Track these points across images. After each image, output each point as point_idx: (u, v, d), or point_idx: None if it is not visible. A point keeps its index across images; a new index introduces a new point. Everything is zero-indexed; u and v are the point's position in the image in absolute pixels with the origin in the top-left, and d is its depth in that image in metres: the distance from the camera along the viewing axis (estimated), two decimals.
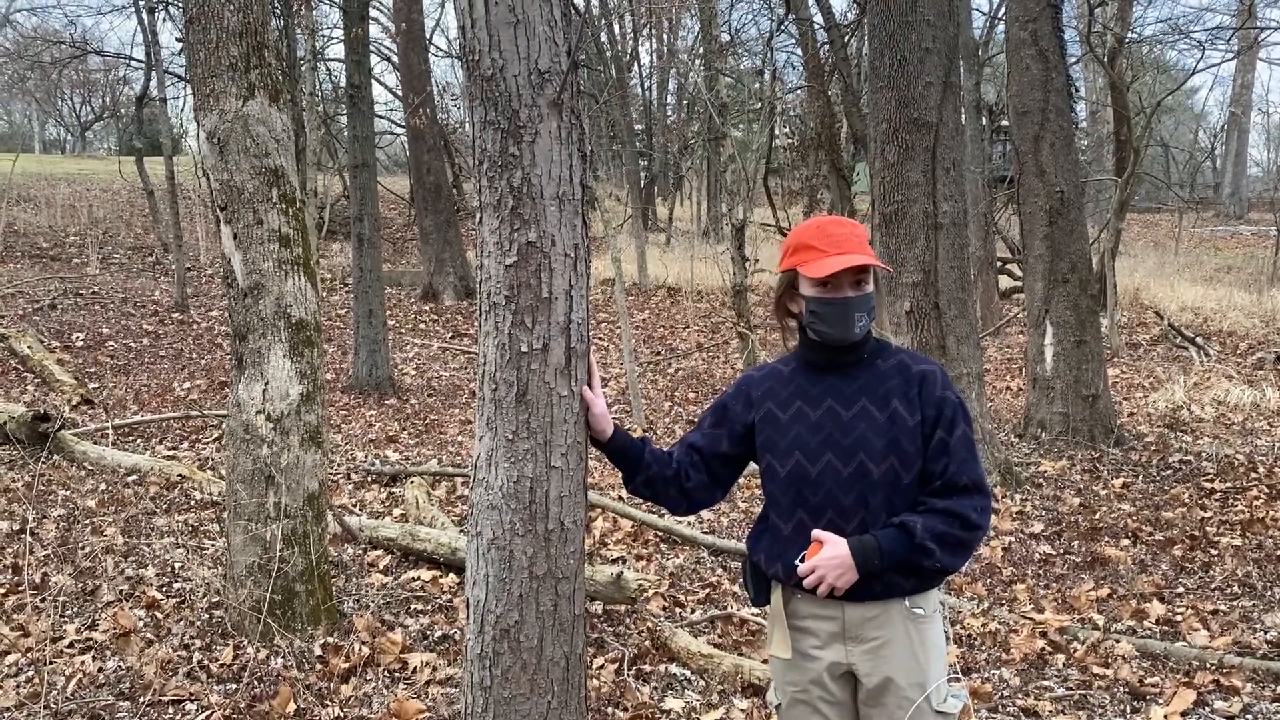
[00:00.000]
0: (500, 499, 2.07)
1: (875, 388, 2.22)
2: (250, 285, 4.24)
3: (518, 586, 2.08)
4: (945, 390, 2.20)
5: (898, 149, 6.66)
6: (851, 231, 2.21)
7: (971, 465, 2.15)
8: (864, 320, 2.19)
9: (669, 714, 3.73)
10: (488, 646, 2.11)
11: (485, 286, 2.05)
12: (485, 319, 2.05)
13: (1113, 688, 4.03)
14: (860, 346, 2.24)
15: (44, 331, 12.29)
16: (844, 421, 2.20)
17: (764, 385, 2.34)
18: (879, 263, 2.18)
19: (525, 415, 2.05)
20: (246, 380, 4.26)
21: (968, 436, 2.18)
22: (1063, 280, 8.41)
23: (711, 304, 16.33)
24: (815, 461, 2.20)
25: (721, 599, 4.92)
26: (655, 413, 9.68)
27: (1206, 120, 38.80)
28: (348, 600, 4.66)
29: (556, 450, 2.09)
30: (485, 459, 2.09)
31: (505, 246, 2.00)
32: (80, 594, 4.66)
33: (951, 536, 2.10)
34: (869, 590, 2.16)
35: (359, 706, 3.64)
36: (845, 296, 2.19)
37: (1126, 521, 6.17)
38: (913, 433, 2.17)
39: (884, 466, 2.15)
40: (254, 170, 4.24)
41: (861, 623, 2.19)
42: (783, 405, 2.30)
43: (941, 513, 2.11)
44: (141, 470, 6.95)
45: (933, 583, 2.21)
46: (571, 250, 2.05)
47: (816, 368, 2.27)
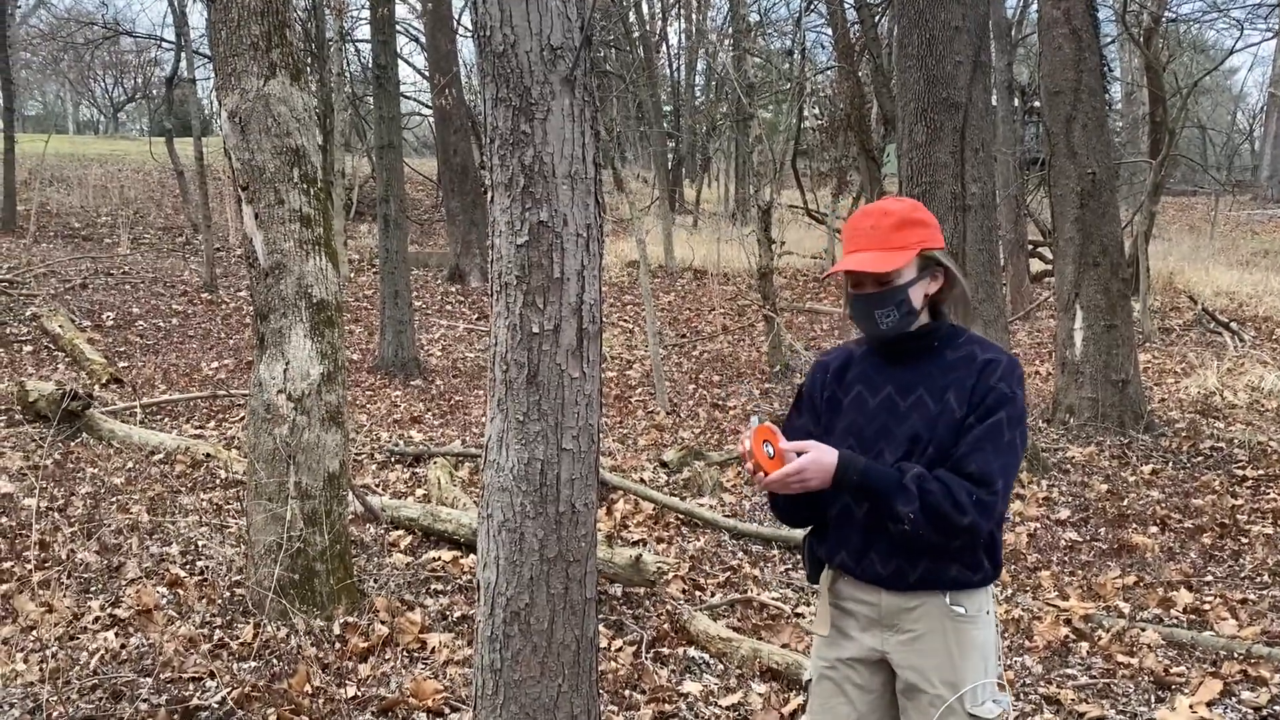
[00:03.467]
0: (511, 481, 2.05)
1: (936, 378, 2.13)
2: (271, 265, 4.24)
3: (528, 569, 2.07)
4: (1001, 381, 2.08)
5: (926, 129, 6.56)
6: (876, 224, 2.12)
7: (985, 456, 2.03)
8: (891, 316, 2.11)
9: (687, 697, 3.71)
10: (498, 629, 2.10)
11: (496, 266, 2.02)
12: (497, 299, 2.03)
13: (1137, 677, 3.97)
14: (922, 337, 2.16)
15: (75, 311, 12.42)
16: (899, 410, 2.15)
17: (833, 366, 2.30)
18: (876, 266, 2.07)
19: (536, 397, 2.03)
20: (268, 360, 4.27)
21: (998, 428, 2.05)
22: (1093, 264, 8.29)
23: (738, 286, 16.26)
24: (868, 449, 2.15)
25: (742, 583, 4.90)
26: (680, 395, 9.65)
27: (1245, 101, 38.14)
28: (368, 580, 4.68)
29: (568, 432, 2.07)
30: (496, 440, 2.07)
31: (516, 226, 1.97)
32: (105, 571, 4.71)
33: (934, 501, 1.99)
34: (903, 579, 2.12)
35: (377, 686, 3.65)
36: (864, 294, 2.14)
37: (1155, 509, 6.09)
38: (956, 426, 2.08)
39: (924, 459, 2.09)
40: (275, 150, 4.24)
41: (898, 612, 2.15)
42: (846, 388, 2.25)
43: (938, 478, 2.02)
44: (168, 449, 7.01)
45: (974, 573, 2.12)
46: (584, 230, 2.02)
47: (883, 354, 2.21)
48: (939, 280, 2.15)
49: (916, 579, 2.12)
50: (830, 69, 23.66)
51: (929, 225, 2.14)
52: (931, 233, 2.14)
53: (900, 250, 2.09)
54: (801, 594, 4.79)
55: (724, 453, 7.16)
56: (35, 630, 3.99)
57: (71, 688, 3.50)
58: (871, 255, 2.10)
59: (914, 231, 2.11)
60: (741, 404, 9.26)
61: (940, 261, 2.15)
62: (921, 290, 2.13)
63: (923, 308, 2.16)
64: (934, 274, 2.14)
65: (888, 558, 2.14)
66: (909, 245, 2.10)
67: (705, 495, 6.28)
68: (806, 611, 4.56)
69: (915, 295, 2.12)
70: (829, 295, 15.89)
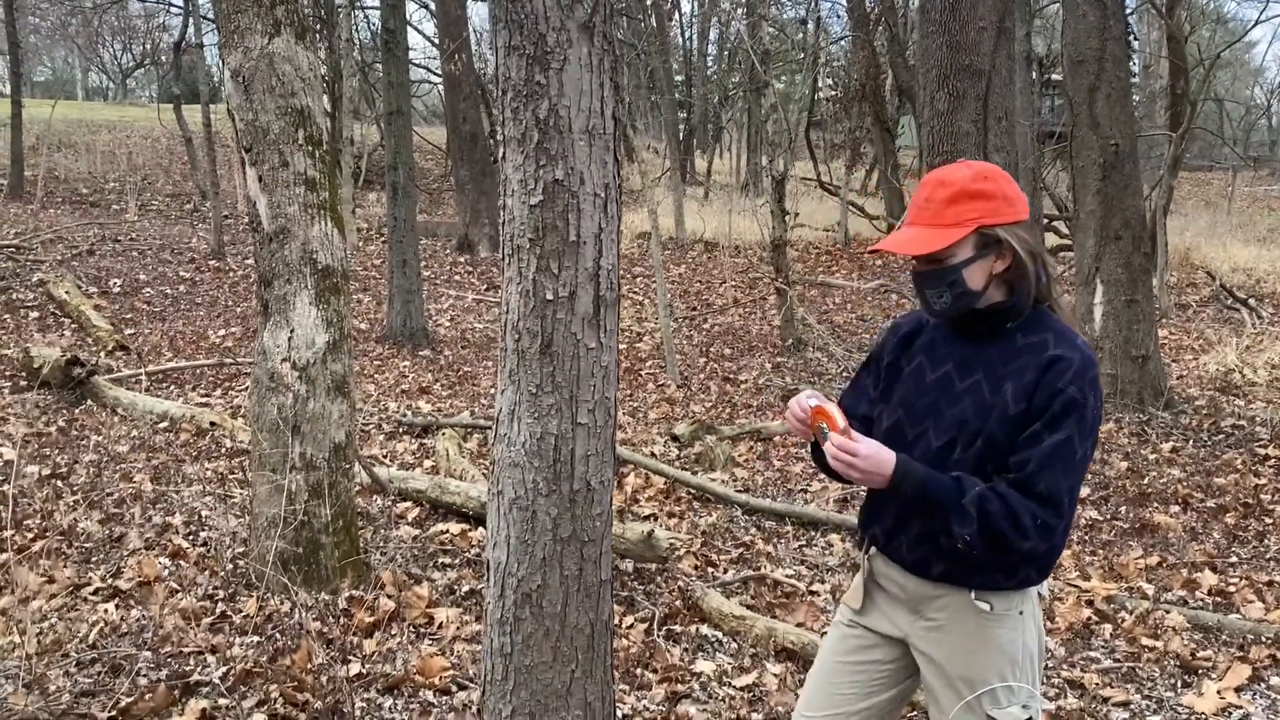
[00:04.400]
0: (523, 456, 1.94)
1: (999, 364, 1.98)
2: (276, 230, 4.12)
3: (540, 549, 1.95)
4: (1071, 384, 1.88)
5: (948, 97, 6.40)
6: (930, 196, 1.96)
7: (1056, 476, 1.86)
8: (944, 297, 1.95)
9: (699, 677, 3.62)
10: (508, 611, 1.99)
11: (508, 228, 1.90)
12: (508, 263, 1.91)
13: (1162, 660, 3.87)
14: (990, 316, 2.00)
15: (82, 277, 12.34)
16: (954, 391, 2.00)
17: (904, 330, 2.17)
18: (915, 248, 1.91)
19: (550, 368, 1.91)
20: (272, 327, 4.16)
21: (1070, 446, 1.88)
22: (1115, 237, 8.11)
23: (749, 259, 16.09)
24: (915, 425, 2.02)
25: (755, 559, 4.80)
26: (690, 368, 9.53)
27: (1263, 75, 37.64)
28: (375, 553, 4.59)
29: (583, 406, 1.95)
30: (507, 413, 1.95)
31: (530, 185, 1.84)
32: (107, 541, 4.62)
33: (994, 524, 1.84)
34: (927, 569, 2.02)
35: (382, 662, 3.56)
36: (918, 271, 2.00)
37: (1176, 487, 5.96)
38: (1011, 422, 1.91)
39: (971, 451, 1.94)
40: (279, 110, 4.10)
41: (923, 598, 2.05)
42: (910, 356, 2.12)
43: (1001, 497, 1.86)
44: (173, 417, 6.92)
45: (1006, 579, 1.98)
46: (602, 190, 1.88)
47: (952, 326, 2.06)
48: (1006, 259, 1.96)
49: (941, 572, 2.01)
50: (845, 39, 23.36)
51: (994, 197, 1.93)
52: (995, 206, 1.93)
53: (950, 228, 1.92)
54: (816, 572, 4.69)
55: (735, 427, 7.05)
56: (34, 601, 3.91)
57: (69, 660, 3.42)
58: (916, 233, 1.95)
59: (971, 206, 1.92)
60: (753, 378, 9.14)
61: (1003, 239, 1.95)
62: (983, 270, 1.95)
63: (986, 287, 1.97)
64: (1000, 252, 1.96)
65: (915, 544, 2.03)
66: (962, 222, 1.92)
67: (717, 470, 6.18)
68: (821, 589, 4.46)
69: (972, 275, 1.95)
70: (841, 269, 15.73)
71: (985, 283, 1.97)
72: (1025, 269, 1.96)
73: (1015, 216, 1.96)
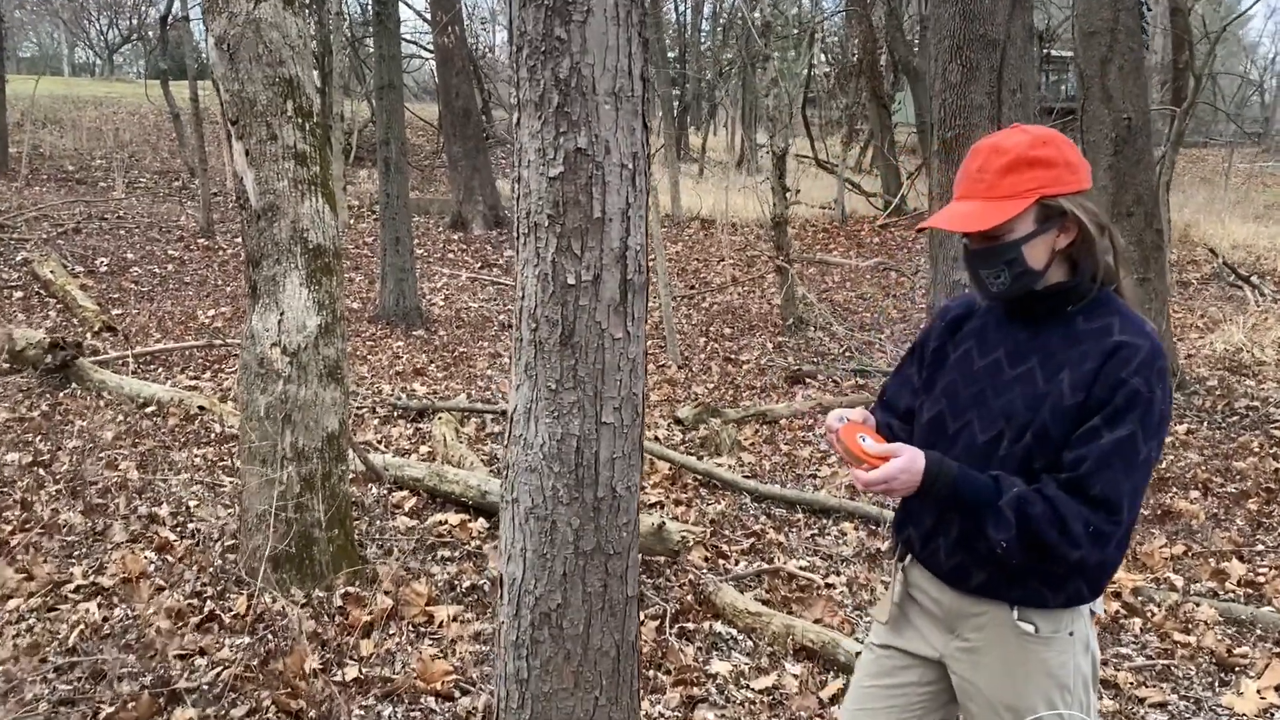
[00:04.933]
0: (540, 460, 1.73)
1: (1055, 350, 1.77)
2: (264, 207, 3.90)
3: (561, 564, 1.75)
4: (1136, 375, 1.68)
5: (961, 68, 6.17)
6: (984, 165, 1.74)
7: (1114, 478, 1.66)
8: (1001, 278, 1.76)
9: (715, 678, 3.43)
10: (524, 633, 1.78)
11: (524, 204, 1.68)
12: (524, 244, 1.69)
13: (1197, 657, 3.70)
14: (1049, 298, 1.79)
15: (68, 256, 12.05)
16: (1003, 380, 1.80)
17: (952, 313, 1.97)
18: (969, 224, 1.71)
19: (571, 361, 1.70)
20: (261, 310, 3.94)
21: (1132, 444, 1.67)
22: (1126, 213, 7.90)
23: (746, 236, 15.86)
24: (958, 416, 1.83)
25: (767, 549, 4.61)
26: (690, 348, 9.33)
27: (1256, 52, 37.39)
28: (370, 545, 4.39)
29: (608, 403, 1.73)
30: (523, 412, 1.74)
31: (549, 154, 1.63)
32: (90, 533, 4.42)
33: (1037, 529, 1.66)
34: (964, 580, 1.82)
35: (380, 665, 3.37)
36: (970, 251, 1.80)
37: (1195, 472, 5.79)
38: (1066, 414, 1.71)
39: (1019, 446, 1.74)
40: (267, 80, 3.87)
41: (959, 615, 1.86)
42: (957, 341, 1.92)
43: (1047, 499, 1.67)
44: (161, 401, 6.70)
45: (1053, 595, 1.78)
46: (629, 160, 1.67)
47: (1006, 309, 1.87)
48: (1071, 232, 1.76)
49: (979, 584, 1.81)
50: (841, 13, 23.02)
51: (1055, 164, 1.73)
52: (1058, 174, 1.72)
53: (1008, 200, 1.72)
54: (831, 563, 4.51)
55: (740, 409, 6.86)
56: (11, 600, 3.71)
57: (48, 666, 3.22)
58: (970, 207, 1.75)
59: (1030, 174, 1.71)
60: (755, 358, 8.94)
61: (1067, 211, 1.74)
62: (1045, 246, 1.75)
63: (1049, 264, 1.77)
64: (1063, 225, 1.75)
65: (953, 550, 1.84)
66: (1021, 193, 1.71)
67: (723, 455, 5.98)
68: (837, 582, 4.28)
69: (1034, 252, 1.75)
70: (839, 246, 15.51)
71: (1047, 260, 1.77)
72: (1092, 244, 1.76)
73: (1079, 185, 1.75)
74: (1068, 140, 1.79)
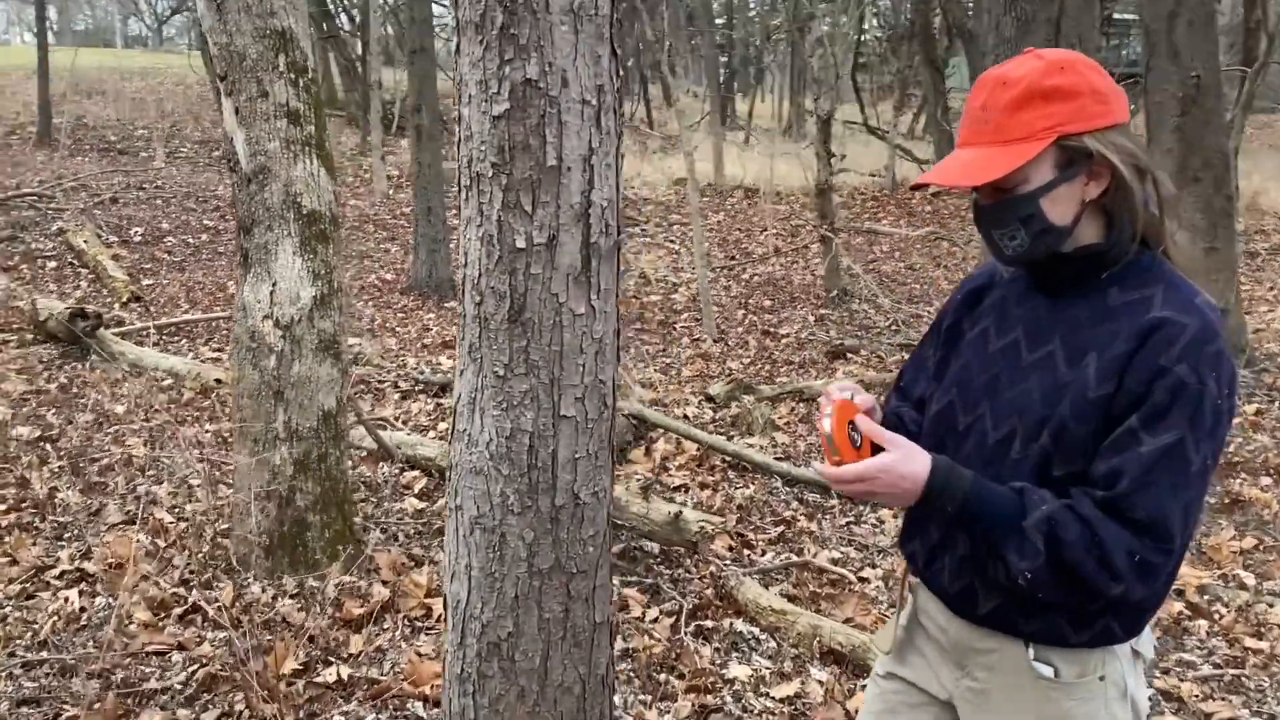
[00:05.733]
0: (486, 461, 1.43)
1: (1081, 328, 1.42)
2: (254, 169, 3.64)
3: (512, 585, 1.45)
4: (1181, 362, 1.32)
5: (1015, 22, 5.75)
6: (988, 102, 1.39)
7: (1161, 497, 1.31)
8: (1016, 239, 1.40)
9: (732, 684, 3.14)
10: (470, 665, 1.49)
11: (465, 149, 1.37)
12: (466, 199, 1.39)
13: (1271, 666, 3.33)
14: (1078, 261, 1.43)
15: (103, 226, 11.97)
16: (1020, 365, 1.46)
17: (969, 285, 1.65)
18: (969, 177, 1.36)
19: (523, 342, 1.39)
20: (252, 280, 3.69)
21: (1180, 452, 1.32)
22: (1194, 178, 7.39)
23: (791, 206, 15.41)
24: (969, 410, 1.50)
25: (797, 539, 4.30)
26: (728, 321, 8.99)
27: None
28: (374, 529, 4.15)
29: (568, 393, 1.42)
30: (467, 403, 1.44)
31: (492, 88, 1.31)
32: (84, 513, 4.22)
33: (1071, 558, 1.32)
34: (971, 606, 1.49)
35: (369, 665, 3.12)
36: (979, 207, 1.44)
37: (1266, 456, 5.36)
38: (1090, 409, 1.37)
39: (1034, 447, 1.40)
40: (257, 32, 3.59)
41: (967, 649, 1.53)
42: (975, 318, 1.58)
43: (1083, 521, 1.33)
44: (179, 373, 6.53)
45: (1076, 632, 1.43)
46: (593, 95, 1.35)
47: (1030, 277, 1.53)
48: (1102, 179, 1.39)
49: (988, 613, 1.48)
50: None
51: (1077, 94, 1.36)
52: (1080, 106, 1.36)
53: (1019, 143, 1.36)
54: (866, 554, 4.18)
55: (776, 386, 6.52)
56: None
57: (16, 661, 3.01)
58: (973, 155, 1.38)
59: (1046, 109, 1.36)
60: (794, 331, 8.59)
61: (1094, 152, 1.37)
62: (1070, 197, 1.39)
63: (1076, 220, 1.40)
64: (1091, 169, 1.38)
65: (959, 571, 1.50)
66: (1035, 133, 1.36)
67: (755, 435, 5.66)
68: (872, 575, 3.96)
69: (1056, 205, 1.38)
70: (888, 215, 15.01)
71: (1074, 215, 1.41)
72: (1130, 192, 1.39)
73: (1110, 118, 1.38)
74: (1092, 64, 1.41)
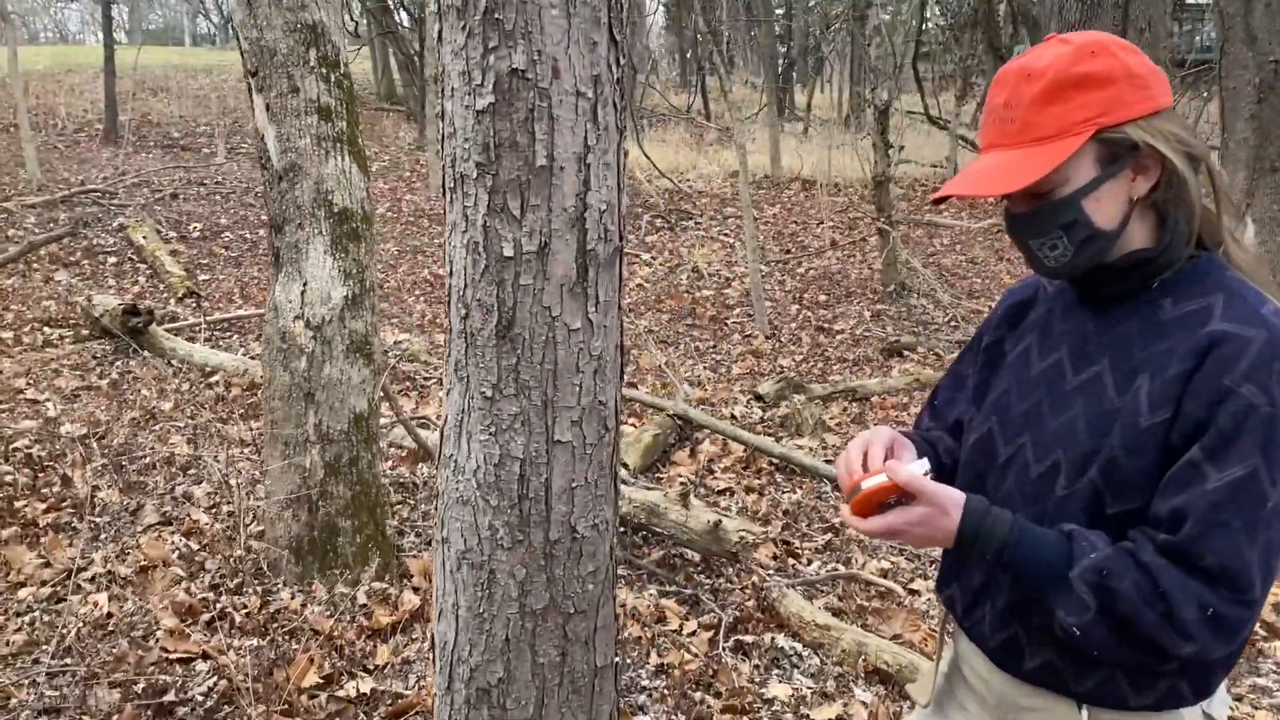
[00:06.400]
0: (474, 490, 1.30)
1: (1131, 347, 1.25)
2: (286, 166, 3.56)
3: (502, 626, 1.32)
4: (1248, 382, 1.14)
5: (1081, 5, 5.49)
6: (1012, 99, 1.22)
7: (1233, 542, 1.13)
8: (1058, 248, 1.23)
9: (771, 705, 2.99)
10: (459, 712, 1.37)
11: (449, 148, 1.25)
12: (450, 202, 1.26)
13: None
14: (1126, 271, 1.26)
15: (163, 221, 12.14)
16: (1064, 390, 1.29)
17: (1012, 299, 1.48)
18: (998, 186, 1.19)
19: (512, 359, 1.26)
20: (284, 280, 3.61)
21: (1254, 486, 1.14)
22: (1270, 168, 7.02)
23: (849, 197, 15.12)
24: (1009, 440, 1.33)
25: (844, 547, 4.13)
26: (781, 317, 8.80)
27: None
28: (409, 534, 4.06)
29: (563, 415, 1.29)
30: (453, 427, 1.32)
31: (475, 79, 1.19)
32: (122, 513, 4.20)
33: (1129, 613, 1.15)
34: (1016, 660, 1.32)
35: (394, 678, 3.02)
36: (1013, 214, 1.27)
37: None
38: (1144, 440, 1.19)
39: (1081, 482, 1.23)
40: (288, 26, 3.52)
41: (1012, 707, 1.36)
42: (1017, 335, 1.41)
43: (1142, 569, 1.15)
44: (227, 370, 6.53)
45: (1138, 694, 1.25)
46: (588, 86, 1.21)
47: (1076, 290, 1.35)
48: (1151, 172, 1.22)
49: (1035, 669, 1.31)
50: None
51: (1112, 80, 1.19)
52: (1117, 93, 1.19)
53: (1052, 141, 1.19)
54: (917, 564, 4.00)
55: (828, 385, 6.33)
56: (25, 589, 3.49)
57: (40, 668, 2.97)
58: (1001, 160, 1.21)
59: (1079, 100, 1.19)
60: (849, 327, 8.37)
61: (1140, 143, 1.20)
62: (1116, 195, 1.22)
63: (1125, 222, 1.23)
64: (1139, 163, 1.22)
65: (1002, 620, 1.33)
66: (1070, 128, 1.19)
67: (804, 435, 5.49)
68: (923, 587, 3.78)
69: (1101, 207, 1.21)
70: (950, 207, 14.66)
71: (1122, 216, 1.23)
72: (1184, 185, 1.21)
73: (1152, 103, 1.21)
74: (1126, 44, 1.24)
